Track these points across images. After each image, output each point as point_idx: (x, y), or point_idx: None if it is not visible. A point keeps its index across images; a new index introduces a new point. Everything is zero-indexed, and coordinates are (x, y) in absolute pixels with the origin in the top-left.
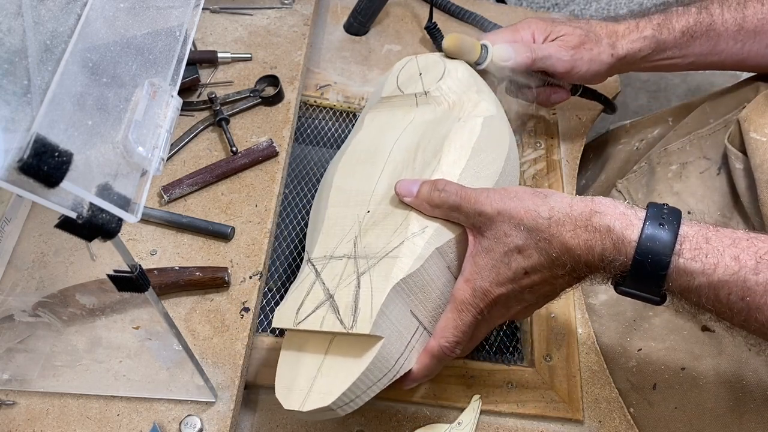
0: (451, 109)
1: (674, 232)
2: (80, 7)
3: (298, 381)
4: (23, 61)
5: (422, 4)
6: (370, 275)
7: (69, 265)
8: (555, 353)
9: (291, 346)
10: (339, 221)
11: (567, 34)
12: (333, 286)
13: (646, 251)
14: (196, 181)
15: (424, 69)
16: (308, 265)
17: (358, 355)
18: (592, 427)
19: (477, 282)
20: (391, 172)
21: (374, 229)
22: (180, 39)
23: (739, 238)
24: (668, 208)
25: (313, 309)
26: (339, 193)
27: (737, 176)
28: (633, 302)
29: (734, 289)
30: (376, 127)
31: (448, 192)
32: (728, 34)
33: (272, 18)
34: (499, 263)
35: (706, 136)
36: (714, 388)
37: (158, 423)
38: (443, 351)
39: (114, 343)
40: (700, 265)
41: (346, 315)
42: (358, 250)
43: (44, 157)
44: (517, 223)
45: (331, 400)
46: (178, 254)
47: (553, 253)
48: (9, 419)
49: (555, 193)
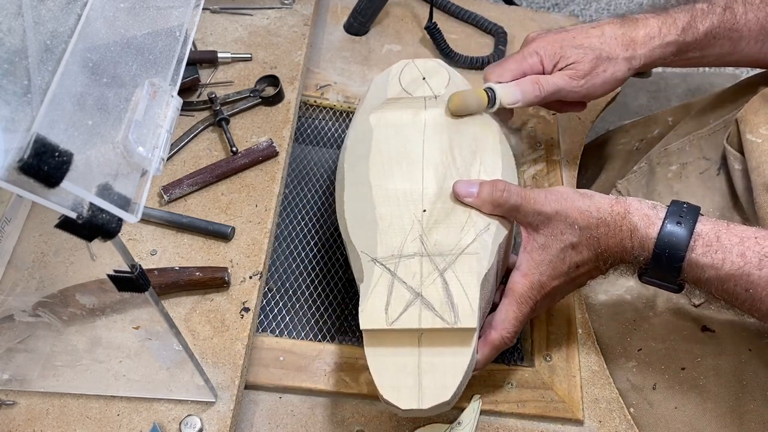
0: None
1: (690, 229)
2: (80, 7)
3: (403, 380)
4: (23, 61)
5: (422, 4)
6: (454, 272)
7: (69, 265)
8: (555, 353)
9: (377, 346)
10: (395, 220)
11: (577, 61)
12: (416, 284)
13: (663, 246)
14: (196, 181)
15: (427, 74)
16: (377, 265)
17: (459, 347)
18: (592, 427)
19: (535, 276)
20: (435, 172)
21: (438, 227)
22: (180, 39)
23: (747, 237)
24: (688, 206)
25: (403, 308)
26: (384, 192)
27: (736, 177)
28: (633, 302)
29: (739, 282)
30: (391, 128)
31: (510, 192)
32: (750, 35)
33: (272, 18)
34: (555, 258)
35: (705, 136)
36: (714, 389)
37: (158, 423)
38: (504, 341)
39: (114, 343)
40: (710, 260)
41: (444, 311)
42: (428, 248)
43: (44, 157)
44: (572, 222)
45: (450, 394)
46: (178, 254)
47: (599, 250)
48: (9, 419)
49: (595, 194)
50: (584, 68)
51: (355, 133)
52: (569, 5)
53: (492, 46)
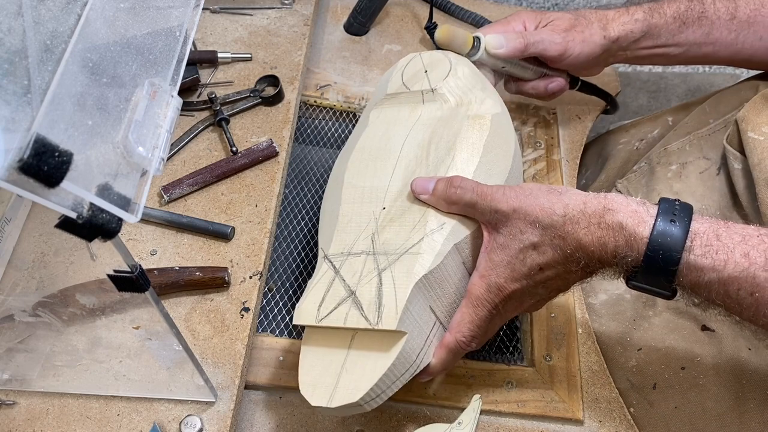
0: (458, 107)
1: (685, 228)
2: (80, 7)
3: (323, 377)
4: (23, 61)
5: (422, 4)
6: (391, 272)
7: (69, 265)
8: (555, 353)
9: (312, 343)
10: (354, 218)
11: (557, 18)
12: (354, 282)
13: (657, 248)
14: (196, 181)
15: (430, 66)
16: (326, 261)
17: (383, 350)
18: (592, 427)
19: (492, 278)
20: (405, 169)
21: (392, 225)
22: (180, 39)
23: (750, 235)
24: (680, 204)
25: (335, 306)
26: (352, 189)
27: (736, 176)
28: (633, 302)
29: (744, 285)
30: (383, 124)
31: (464, 189)
32: (721, 23)
33: (272, 18)
34: (514, 260)
35: (705, 136)
36: (714, 388)
37: (158, 423)
38: (459, 345)
39: (114, 343)
40: (710, 261)
41: (370, 311)
42: (376, 246)
43: (44, 157)
44: (532, 220)
45: (359, 396)
46: (178, 254)
47: (568, 250)
48: (9, 419)
49: (570, 190)
50: (564, 24)
51: (355, 130)
52: (569, 5)
53: None
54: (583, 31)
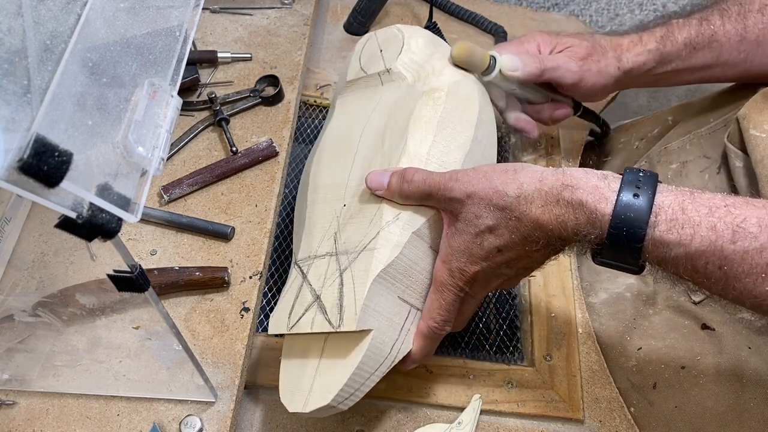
0: (415, 83)
1: (649, 201)
2: (80, 7)
3: (300, 383)
4: (23, 61)
5: (422, 4)
6: (351, 271)
7: (69, 265)
8: (555, 353)
9: (289, 349)
10: (320, 219)
11: (574, 45)
12: (319, 286)
13: (620, 224)
14: (196, 181)
15: (384, 45)
16: (295, 267)
17: (351, 350)
18: (593, 427)
19: (453, 263)
20: (362, 161)
21: (351, 223)
22: (180, 39)
23: (716, 206)
24: (644, 174)
25: (303, 312)
26: (316, 189)
27: (737, 175)
28: (633, 301)
29: (711, 258)
30: (344, 115)
31: (416, 182)
32: (731, 45)
33: (272, 18)
34: (471, 244)
35: (706, 135)
36: (714, 387)
37: (158, 423)
38: (433, 331)
39: (114, 343)
40: (676, 236)
41: (333, 314)
42: (338, 246)
43: (44, 157)
44: (486, 204)
45: (330, 398)
46: (178, 254)
47: (525, 231)
48: (9, 419)
49: (525, 167)
50: (581, 52)
51: (325, 123)
52: (569, 5)
53: (492, 46)
54: (599, 60)
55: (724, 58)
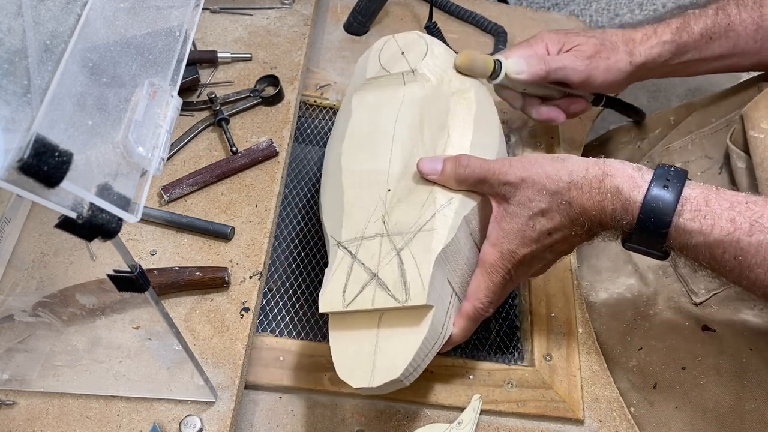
0: (440, 84)
1: (677, 193)
2: (80, 7)
3: (358, 360)
4: (23, 61)
5: (422, 4)
6: (410, 250)
7: (69, 265)
8: (555, 353)
9: (339, 327)
10: (359, 202)
11: (581, 44)
12: (374, 264)
13: (649, 211)
14: (196, 181)
15: (406, 47)
16: (340, 248)
17: (414, 325)
18: (593, 427)
19: (504, 245)
20: (402, 150)
21: (400, 206)
22: (180, 39)
23: (738, 202)
24: (674, 170)
25: (359, 289)
26: (352, 175)
27: (739, 175)
28: (633, 301)
29: (728, 249)
30: (367, 108)
31: (473, 167)
32: (747, 34)
33: (272, 18)
34: (524, 226)
35: (708, 135)
36: (714, 388)
37: (158, 423)
38: (478, 312)
39: (114, 343)
40: (698, 225)
41: (397, 290)
42: (389, 227)
43: (44, 157)
44: (540, 188)
45: (399, 372)
46: (178, 254)
47: (573, 214)
48: (9, 419)
49: (571, 157)
50: (588, 50)
51: (337, 118)
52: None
53: (492, 46)
54: (608, 57)
55: (740, 47)
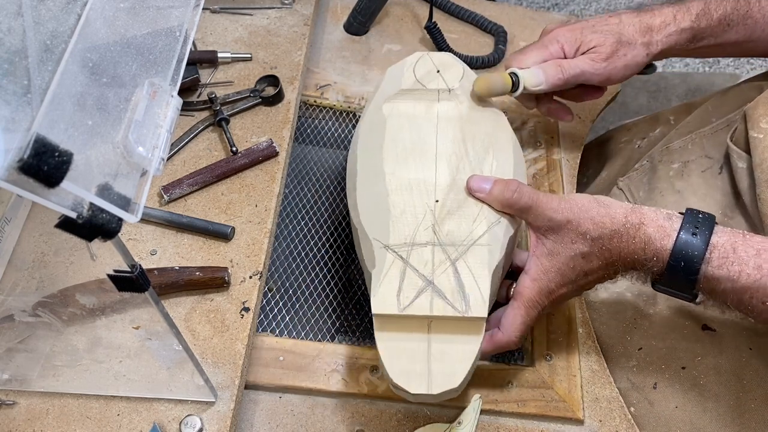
0: (472, 107)
1: (705, 241)
2: (80, 7)
3: (412, 366)
4: (23, 61)
5: (422, 4)
6: (465, 262)
7: (69, 265)
8: (555, 352)
9: (387, 331)
10: (408, 209)
11: (598, 45)
12: (428, 272)
13: (679, 258)
14: (196, 181)
15: (442, 67)
16: (389, 251)
17: (469, 335)
18: (593, 427)
19: (543, 282)
20: (447, 163)
21: (451, 217)
22: (180, 39)
23: (765, 249)
24: (703, 216)
25: (415, 294)
26: (397, 180)
27: (739, 175)
28: (633, 301)
29: (756, 294)
30: (404, 118)
31: (521, 194)
32: (764, 21)
33: (272, 18)
34: (564, 267)
35: (708, 135)
36: (714, 388)
37: (158, 423)
38: (510, 344)
39: (114, 343)
40: (725, 272)
41: (455, 300)
42: (440, 237)
43: (44, 157)
44: (583, 231)
45: (459, 381)
46: (178, 254)
47: (611, 260)
48: (9, 419)
49: (613, 203)
50: (606, 51)
51: (368, 122)
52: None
53: (492, 46)
54: (626, 54)
55: (756, 34)
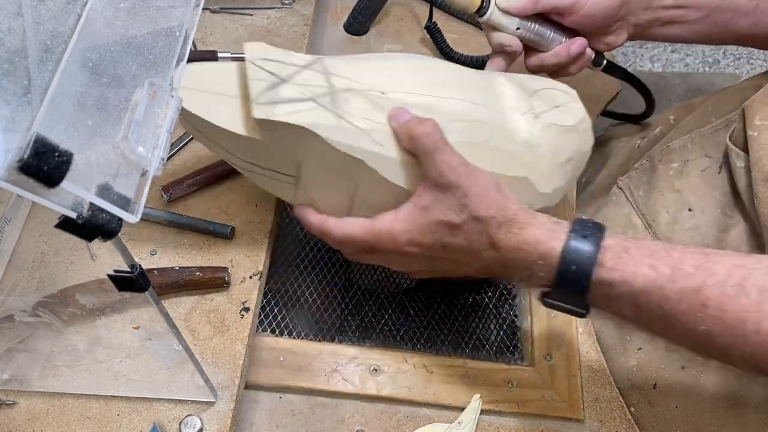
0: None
1: (596, 243)
2: (80, 7)
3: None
4: (23, 61)
5: (422, 4)
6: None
7: (69, 265)
8: (555, 352)
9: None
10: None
11: None
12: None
13: (570, 261)
14: (197, 181)
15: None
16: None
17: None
18: (593, 427)
19: (401, 226)
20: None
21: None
22: (180, 39)
23: (657, 250)
24: (592, 223)
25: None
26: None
27: (738, 174)
28: None
29: (653, 297)
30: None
31: (429, 136)
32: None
33: (272, 18)
34: (426, 227)
35: (707, 134)
36: (714, 388)
37: (158, 423)
38: (327, 235)
39: (114, 343)
40: (620, 274)
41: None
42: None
43: (44, 157)
44: (465, 204)
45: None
46: (178, 254)
47: (480, 247)
48: (9, 419)
49: (510, 197)
50: None
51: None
52: None
53: None
54: None
55: (735, 2)
